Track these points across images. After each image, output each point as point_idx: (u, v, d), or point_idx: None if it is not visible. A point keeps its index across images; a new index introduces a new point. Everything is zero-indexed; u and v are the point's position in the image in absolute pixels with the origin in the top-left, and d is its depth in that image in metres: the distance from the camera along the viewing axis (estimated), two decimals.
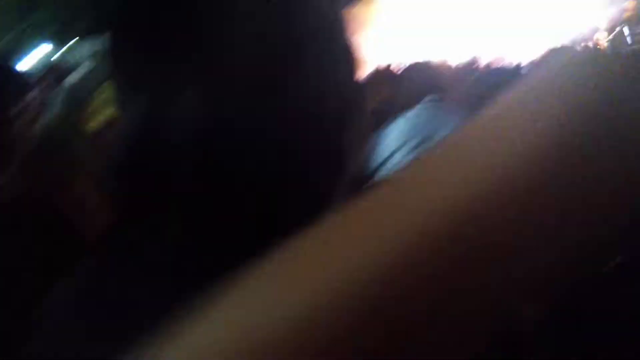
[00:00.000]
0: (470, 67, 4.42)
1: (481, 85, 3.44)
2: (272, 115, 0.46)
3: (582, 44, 16.56)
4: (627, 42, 18.15)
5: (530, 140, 0.29)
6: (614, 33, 18.19)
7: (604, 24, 17.88)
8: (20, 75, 1.32)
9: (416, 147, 2.34)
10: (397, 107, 2.65)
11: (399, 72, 3.10)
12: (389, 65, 3.96)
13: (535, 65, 4.21)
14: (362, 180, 2.13)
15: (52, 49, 8.42)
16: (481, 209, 0.28)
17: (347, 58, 0.53)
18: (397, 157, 2.39)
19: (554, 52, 3.20)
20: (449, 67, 5.30)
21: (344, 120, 0.52)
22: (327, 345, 0.26)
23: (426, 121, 2.38)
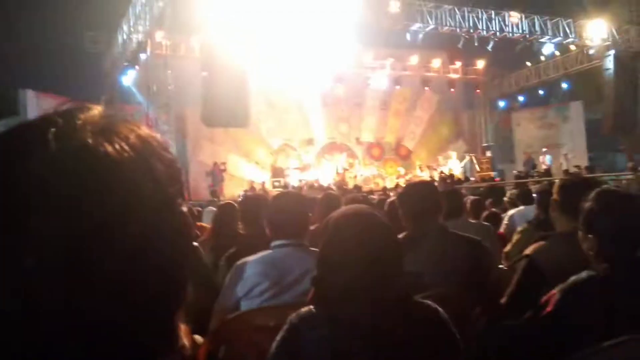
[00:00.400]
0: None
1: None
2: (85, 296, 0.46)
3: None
4: (476, 168, 20.24)
5: None
6: (464, 161, 20.34)
7: (454, 154, 19.97)
8: None
9: (270, 287, 2.46)
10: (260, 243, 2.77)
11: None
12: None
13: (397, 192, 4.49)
14: (226, 312, 2.14)
15: None
16: None
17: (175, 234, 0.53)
18: (255, 292, 2.49)
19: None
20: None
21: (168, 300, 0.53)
22: None
23: (279, 262, 2.50)
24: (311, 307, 1.58)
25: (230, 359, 2.30)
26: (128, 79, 17.05)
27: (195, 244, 3.20)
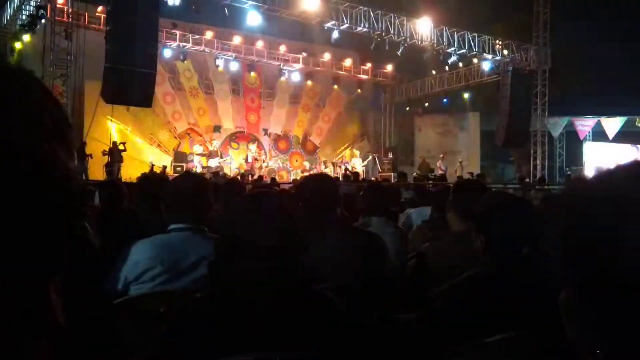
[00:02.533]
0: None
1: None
2: None
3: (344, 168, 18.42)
4: (378, 168, 20.83)
5: None
6: (367, 160, 20.84)
7: (358, 152, 20.40)
8: None
9: (164, 272, 2.36)
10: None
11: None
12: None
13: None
14: (113, 296, 2.02)
15: None
16: None
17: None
18: (147, 277, 2.37)
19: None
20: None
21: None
22: None
23: (175, 246, 2.40)
24: (206, 292, 1.53)
25: (115, 344, 2.19)
26: (22, 44, 15.84)
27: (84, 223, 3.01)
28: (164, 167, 16.92)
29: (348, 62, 21.57)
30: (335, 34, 16.36)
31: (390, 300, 2.67)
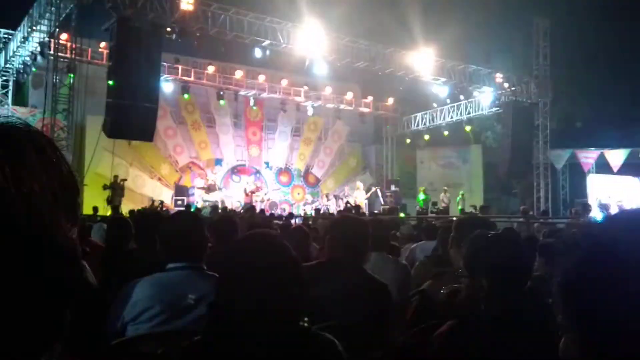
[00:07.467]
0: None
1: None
2: None
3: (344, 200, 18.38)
4: (380, 201, 20.76)
5: None
6: (370, 192, 20.78)
7: (361, 185, 20.39)
8: None
9: (162, 312, 2.31)
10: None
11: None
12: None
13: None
14: (110, 337, 1.96)
15: None
16: None
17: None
18: (145, 317, 2.32)
19: None
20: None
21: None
22: None
23: (174, 285, 2.36)
24: (206, 334, 1.48)
25: None
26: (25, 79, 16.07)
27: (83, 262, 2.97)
28: (161, 202, 16.87)
29: (349, 95, 21.74)
30: (319, 68, 16.49)
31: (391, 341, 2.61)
